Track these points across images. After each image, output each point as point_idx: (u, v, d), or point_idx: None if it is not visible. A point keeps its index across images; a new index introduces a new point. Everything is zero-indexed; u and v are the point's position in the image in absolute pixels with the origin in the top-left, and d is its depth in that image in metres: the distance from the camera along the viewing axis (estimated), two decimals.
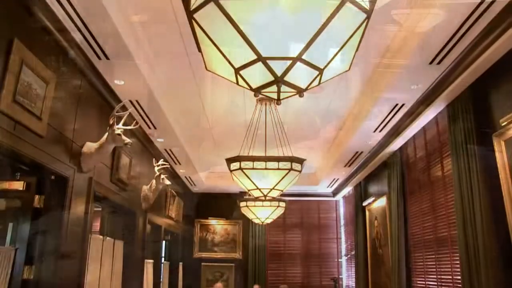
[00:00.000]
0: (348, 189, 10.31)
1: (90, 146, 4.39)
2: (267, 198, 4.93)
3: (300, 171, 4.67)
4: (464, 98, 4.51)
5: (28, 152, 3.37)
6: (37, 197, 3.90)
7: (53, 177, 3.97)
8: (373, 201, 8.20)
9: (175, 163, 8.34)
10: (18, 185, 3.95)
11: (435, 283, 5.60)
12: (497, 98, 4.08)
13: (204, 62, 2.00)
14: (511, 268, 3.71)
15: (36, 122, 3.42)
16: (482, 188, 4.12)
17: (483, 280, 4.02)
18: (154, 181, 6.57)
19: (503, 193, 3.81)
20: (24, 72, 3.17)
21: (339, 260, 11.44)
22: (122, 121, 4.34)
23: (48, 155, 3.68)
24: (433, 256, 5.67)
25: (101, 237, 5.16)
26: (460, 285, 4.66)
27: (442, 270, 5.43)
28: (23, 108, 3.20)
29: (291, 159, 4.55)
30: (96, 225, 6.17)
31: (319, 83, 1.91)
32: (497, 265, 3.93)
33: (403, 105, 5.41)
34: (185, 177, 9.67)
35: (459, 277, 4.64)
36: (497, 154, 3.89)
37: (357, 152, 7.56)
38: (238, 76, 1.88)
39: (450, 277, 5.17)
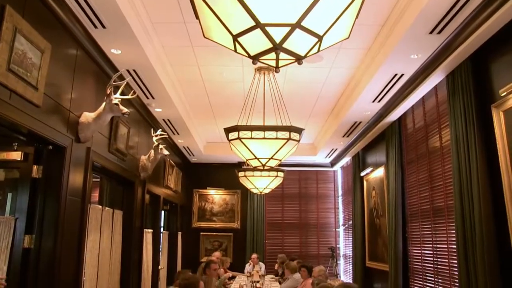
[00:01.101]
0: (346, 160, 10.34)
1: (87, 116, 4.37)
2: (266, 167, 4.93)
3: (298, 141, 4.66)
4: (464, 68, 4.47)
5: (25, 122, 3.35)
6: (35, 167, 3.90)
7: (50, 147, 3.96)
8: (371, 171, 8.24)
9: (173, 133, 8.33)
10: (16, 156, 3.94)
11: (431, 252, 5.67)
12: (497, 68, 4.05)
13: (202, 29, 1.96)
14: (505, 238, 3.75)
15: (32, 92, 3.38)
16: (480, 158, 4.14)
17: (477, 250, 4.08)
18: (152, 151, 6.56)
19: (500, 163, 3.82)
20: (18, 40, 3.12)
21: (337, 229, 11.58)
22: (120, 91, 4.30)
23: (45, 125, 3.66)
24: (430, 226, 5.73)
25: (100, 207, 5.19)
26: (455, 254, 4.72)
27: (438, 239, 5.49)
28: (18, 77, 3.16)
29: (290, 129, 4.54)
30: (95, 195, 6.20)
31: (318, 50, 1.88)
32: (492, 235, 3.98)
33: (402, 75, 5.37)
34: (184, 147, 9.68)
35: (455, 246, 4.70)
36: (495, 125, 3.89)
37: (355, 123, 7.55)
38: (236, 43, 1.85)
39: (446, 246, 5.24)
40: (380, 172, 7.72)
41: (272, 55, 1.82)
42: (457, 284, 4.67)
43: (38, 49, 3.41)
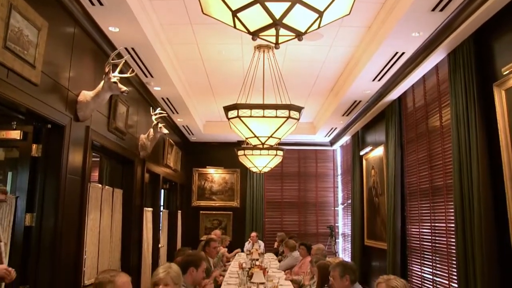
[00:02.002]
0: (345, 139, 10.34)
1: (86, 95, 4.34)
2: (265, 146, 4.93)
3: (298, 119, 4.64)
4: (466, 46, 4.43)
5: (23, 100, 3.33)
6: (34, 146, 3.90)
7: (49, 126, 3.95)
8: (371, 150, 8.24)
9: (173, 112, 8.30)
10: (15, 134, 3.93)
11: (429, 231, 5.71)
12: (499, 47, 4.01)
13: (201, 5, 1.93)
14: (503, 217, 3.77)
15: (30, 70, 3.35)
16: (480, 137, 4.13)
17: (475, 228, 4.11)
18: (151, 130, 6.55)
19: (501, 142, 3.81)
20: (13, 17, 3.08)
21: (336, 208, 11.65)
22: (118, 69, 4.26)
23: (44, 104, 3.64)
24: (428, 205, 5.75)
25: (100, 185, 5.20)
26: (453, 233, 4.75)
27: (437, 218, 5.52)
28: (15, 55, 3.13)
29: (289, 107, 4.51)
30: (95, 175, 6.21)
31: (319, 26, 1.85)
32: (491, 213, 4.00)
33: (403, 53, 5.33)
34: (183, 126, 9.66)
35: (453, 225, 4.73)
36: (497, 104, 3.87)
37: (355, 101, 7.52)
38: (236, 19, 1.82)
39: (444, 225, 5.27)
40: (379, 151, 7.73)
41: (272, 31, 1.80)
42: (455, 262, 4.71)
43: (34, 27, 3.37)
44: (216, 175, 11.57)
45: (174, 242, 9.58)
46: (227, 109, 4.71)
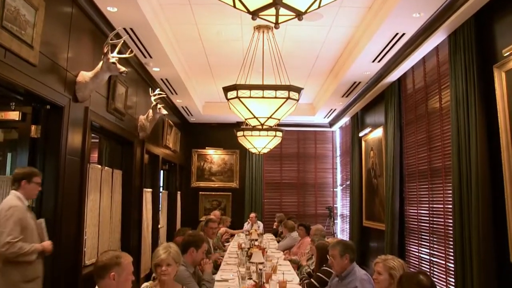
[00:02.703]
0: (345, 120, 10.33)
1: (84, 75, 4.32)
2: (264, 127, 4.92)
3: (297, 100, 4.62)
4: (467, 27, 4.40)
5: (21, 81, 3.32)
6: (33, 127, 3.90)
7: (48, 106, 3.94)
8: (370, 132, 8.24)
9: (172, 93, 8.27)
10: (14, 115, 3.93)
11: (427, 212, 5.75)
12: (500, 28, 3.98)
13: None
14: (501, 199, 3.79)
15: (28, 50, 3.33)
16: (479, 119, 4.13)
17: (473, 210, 4.14)
18: (150, 110, 6.54)
19: (500, 124, 3.82)
20: None
21: (334, 189, 11.70)
22: (117, 50, 4.24)
23: (42, 84, 3.63)
24: (426, 186, 5.78)
25: (99, 166, 5.21)
26: (451, 214, 4.79)
27: (435, 199, 5.56)
28: (12, 34, 3.10)
29: (289, 88, 4.49)
30: (94, 156, 6.21)
31: (319, 6, 1.83)
32: (488, 195, 4.02)
33: (403, 34, 5.29)
34: (182, 107, 9.64)
35: (451, 206, 4.76)
36: (497, 85, 3.86)
37: (355, 83, 7.49)
38: None
39: (442, 206, 5.31)
40: (378, 132, 7.73)
41: (272, 10, 1.78)
42: (451, 243, 4.76)
43: (31, 6, 3.34)
44: (215, 156, 11.58)
45: (174, 223, 9.64)
46: (226, 89, 4.69)
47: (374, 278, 3.15)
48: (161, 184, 8.86)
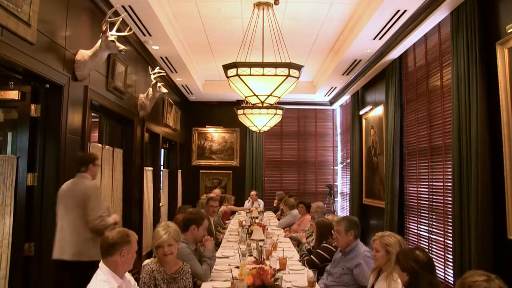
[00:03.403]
0: (345, 98, 10.29)
1: (83, 54, 4.30)
2: (264, 105, 4.89)
3: (298, 78, 4.59)
4: (470, 4, 4.34)
5: (20, 59, 3.29)
6: (33, 106, 3.89)
7: (47, 85, 3.93)
8: (370, 110, 8.22)
9: (171, 72, 8.22)
10: (13, 95, 3.91)
11: (427, 190, 5.78)
12: (504, 4, 3.93)
13: None
14: (500, 177, 3.81)
15: (25, 28, 3.30)
16: (480, 97, 4.11)
17: (472, 187, 4.15)
18: (150, 89, 6.52)
19: (501, 102, 3.80)
20: None
21: (335, 167, 11.73)
22: (115, 27, 4.20)
23: (41, 63, 3.60)
24: (426, 164, 5.79)
25: (100, 145, 5.22)
26: (450, 192, 4.81)
27: (434, 177, 5.57)
28: (8, 12, 3.06)
29: (289, 65, 4.45)
30: (95, 135, 6.21)
31: None
32: (488, 173, 4.04)
33: (405, 11, 5.22)
34: (182, 85, 9.59)
35: (450, 184, 4.78)
36: (499, 63, 3.84)
37: (355, 60, 7.44)
38: None
39: (441, 184, 5.33)
40: (379, 110, 7.71)
41: None
42: (450, 220, 4.79)
43: None
44: (215, 134, 11.59)
45: (175, 201, 9.70)
46: (226, 67, 4.65)
47: (373, 255, 3.19)
48: (162, 163, 8.88)
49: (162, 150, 8.93)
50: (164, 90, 6.61)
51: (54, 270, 3.82)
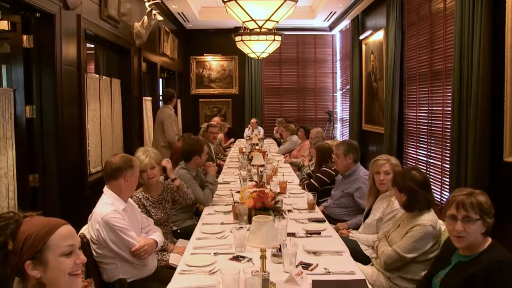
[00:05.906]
0: (345, 23, 10.03)
1: None
2: (262, 30, 4.79)
3: (296, 1, 4.46)
4: None
5: None
6: (25, 37, 3.80)
7: (38, 14, 3.81)
8: (370, 34, 8.05)
9: None
10: (3, 25, 3.80)
11: (426, 115, 5.79)
12: None
13: None
14: (500, 102, 3.79)
15: None
16: (484, 19, 3.99)
17: (471, 112, 4.15)
18: (145, 17, 6.34)
19: (506, 23, 3.69)
20: None
21: (334, 94, 11.69)
22: None
23: None
24: (426, 89, 5.76)
25: (97, 76, 5.17)
26: (449, 116, 4.82)
27: (434, 102, 5.56)
28: None
29: None
30: (91, 67, 6.14)
31: None
32: (488, 98, 4.01)
33: None
34: (178, 13, 9.32)
35: (449, 109, 4.78)
36: None
37: None
38: None
39: (441, 108, 5.33)
40: (379, 35, 7.55)
41: None
42: (449, 145, 4.83)
43: None
44: (214, 62, 11.44)
45: None
46: None
47: (382, 179, 3.18)
48: (161, 93, 8.83)
49: (161, 79, 8.85)
50: (160, 17, 6.43)
51: (58, 200, 3.93)
